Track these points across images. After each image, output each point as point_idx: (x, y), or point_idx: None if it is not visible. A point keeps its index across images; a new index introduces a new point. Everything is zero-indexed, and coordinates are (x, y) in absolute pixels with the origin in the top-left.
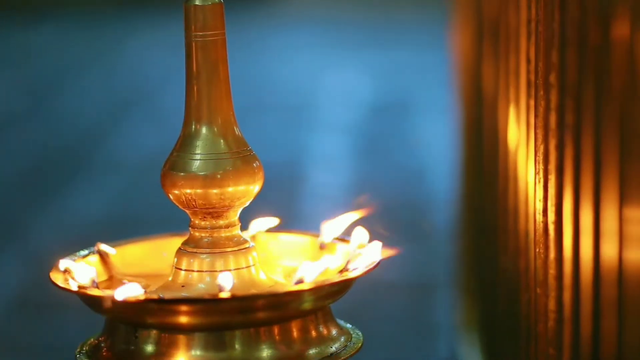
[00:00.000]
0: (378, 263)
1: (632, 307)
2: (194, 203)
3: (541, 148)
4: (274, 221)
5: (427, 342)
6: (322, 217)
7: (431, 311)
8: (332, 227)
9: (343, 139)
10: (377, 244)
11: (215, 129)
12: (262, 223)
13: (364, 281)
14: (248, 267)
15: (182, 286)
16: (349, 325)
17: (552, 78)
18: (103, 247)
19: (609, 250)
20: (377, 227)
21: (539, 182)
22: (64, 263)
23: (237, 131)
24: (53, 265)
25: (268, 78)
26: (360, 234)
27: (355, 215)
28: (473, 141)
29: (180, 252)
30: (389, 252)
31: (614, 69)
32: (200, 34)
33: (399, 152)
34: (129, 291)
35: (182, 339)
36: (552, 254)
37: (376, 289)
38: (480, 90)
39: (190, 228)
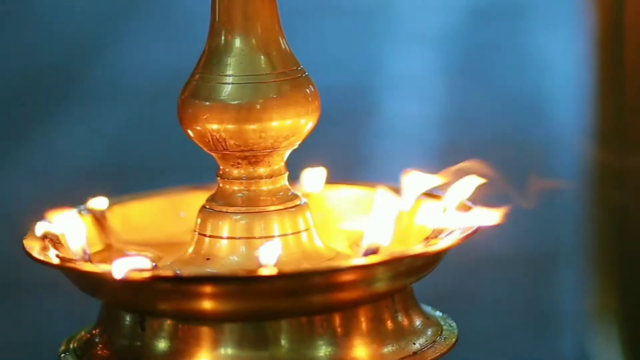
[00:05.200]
0: (478, 228)
1: None
2: (223, 144)
3: None
4: (321, 172)
5: (546, 335)
6: (402, 162)
7: (552, 293)
8: (418, 181)
9: (430, 55)
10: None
11: (254, 41)
12: (312, 175)
13: (459, 253)
14: (298, 232)
15: (207, 259)
16: (438, 313)
17: None
18: (96, 203)
19: None
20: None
21: None
22: (43, 227)
23: (283, 44)
24: (28, 229)
25: None
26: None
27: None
28: (610, 57)
29: (204, 212)
30: (495, 217)
31: None
32: None
33: (508, 73)
34: (133, 264)
35: (206, 332)
36: None
37: (476, 263)
38: None
39: (218, 178)
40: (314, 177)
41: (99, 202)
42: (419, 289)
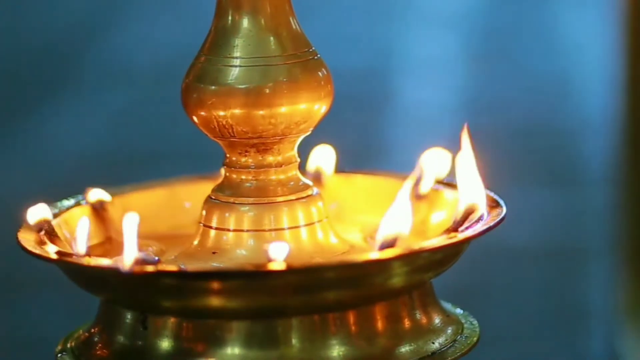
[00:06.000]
0: (502, 218)
1: None
2: (230, 130)
3: None
4: (330, 153)
5: (574, 333)
6: (419, 150)
7: (579, 289)
8: (435, 165)
9: (450, 36)
10: (480, 189)
11: (262, 21)
12: (321, 156)
13: (481, 246)
14: (311, 224)
15: (214, 252)
16: (459, 311)
17: None
18: (95, 193)
19: None
20: (500, 164)
21: None
22: (38, 218)
23: (294, 24)
24: (23, 221)
25: None
26: (467, 172)
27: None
28: None
29: (210, 203)
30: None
31: None
32: None
33: (533, 55)
34: (131, 257)
35: (212, 330)
36: None
37: (499, 257)
38: None
39: (224, 167)
40: (322, 157)
41: (98, 193)
42: (439, 285)
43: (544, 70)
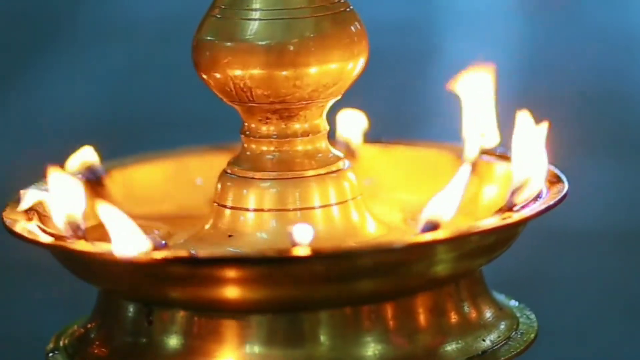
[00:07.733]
0: (564, 196)
1: None
2: (249, 94)
3: None
4: (360, 119)
5: None
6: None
7: None
8: (483, 132)
9: None
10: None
11: None
12: (350, 121)
13: (539, 228)
14: (343, 202)
15: (229, 235)
16: (513, 303)
17: None
18: (91, 166)
19: None
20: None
21: None
22: (27, 195)
23: None
24: (10, 198)
25: None
26: (527, 142)
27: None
28: None
29: (225, 178)
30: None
31: None
32: None
33: (599, 8)
34: (136, 243)
35: (228, 325)
36: None
37: (560, 241)
38: None
39: (242, 137)
40: (349, 124)
41: (94, 165)
42: (490, 273)
43: (610, 27)
